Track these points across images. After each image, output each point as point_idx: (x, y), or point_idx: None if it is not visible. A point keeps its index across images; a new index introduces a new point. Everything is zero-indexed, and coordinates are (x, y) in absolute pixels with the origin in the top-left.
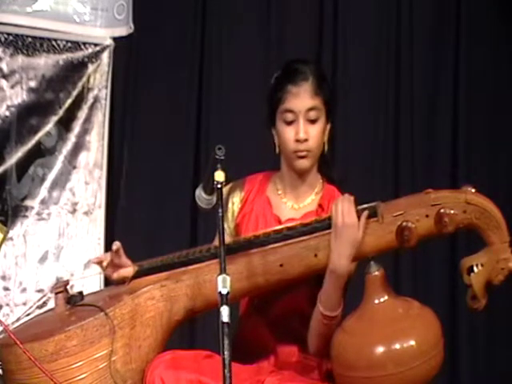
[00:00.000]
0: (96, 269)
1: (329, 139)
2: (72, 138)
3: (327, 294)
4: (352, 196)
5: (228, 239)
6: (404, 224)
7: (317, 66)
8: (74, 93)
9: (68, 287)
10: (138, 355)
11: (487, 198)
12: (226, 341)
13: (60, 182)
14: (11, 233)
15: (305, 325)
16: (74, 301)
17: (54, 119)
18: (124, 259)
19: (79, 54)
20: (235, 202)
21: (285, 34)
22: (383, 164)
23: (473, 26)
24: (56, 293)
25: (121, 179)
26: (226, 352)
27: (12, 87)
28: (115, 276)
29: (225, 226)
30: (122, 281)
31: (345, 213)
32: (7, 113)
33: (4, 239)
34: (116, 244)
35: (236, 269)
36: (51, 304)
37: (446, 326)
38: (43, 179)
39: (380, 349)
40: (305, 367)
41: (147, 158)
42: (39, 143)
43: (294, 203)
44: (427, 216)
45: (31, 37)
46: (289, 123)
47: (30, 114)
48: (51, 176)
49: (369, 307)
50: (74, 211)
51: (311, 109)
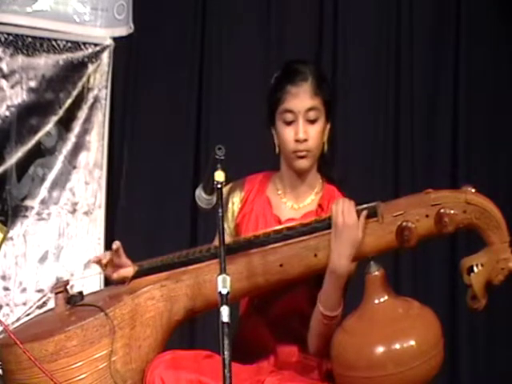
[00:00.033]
0: (96, 269)
1: (328, 139)
2: (72, 138)
3: (327, 294)
4: (351, 199)
5: (228, 239)
6: (404, 224)
7: (316, 67)
8: (74, 93)
9: (68, 287)
10: (138, 355)
11: (487, 198)
12: (226, 341)
13: (60, 182)
14: (11, 233)
15: (305, 325)
16: (74, 301)
17: (54, 119)
18: (124, 259)
19: (79, 54)
20: (235, 202)
21: (285, 34)
22: (383, 164)
23: (473, 26)
24: (56, 293)
25: (121, 179)
26: (226, 352)
27: (12, 87)
28: (115, 276)
29: (225, 226)
30: (122, 281)
31: (345, 213)
32: (7, 113)
33: (4, 239)
34: (116, 243)
35: (236, 269)
36: (51, 304)
37: (446, 326)
38: (43, 179)
39: (380, 349)
40: (305, 367)
41: (147, 158)
42: (39, 143)
43: (294, 203)
44: (427, 216)
45: (31, 37)
46: (288, 123)
47: (30, 114)
48: (51, 176)
49: (369, 307)
50: (74, 211)
51: (310, 109)
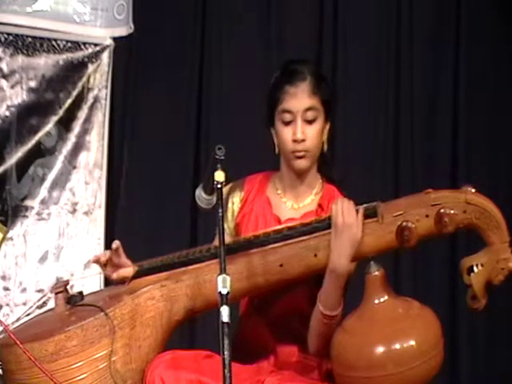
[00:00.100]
0: (96, 269)
1: (328, 139)
2: (72, 138)
3: (327, 294)
4: (351, 199)
5: (228, 239)
6: (404, 224)
7: (315, 66)
8: (74, 93)
9: (68, 287)
10: (138, 355)
11: (487, 198)
12: (226, 341)
13: (60, 182)
14: (11, 233)
15: (305, 325)
16: (74, 301)
17: (54, 119)
18: (124, 259)
19: (79, 54)
20: (235, 202)
21: (285, 34)
22: (383, 164)
23: (473, 26)
24: (56, 293)
25: (121, 179)
26: (226, 352)
27: (12, 87)
28: (115, 276)
29: (225, 226)
30: (122, 281)
31: (345, 212)
32: (7, 113)
33: (4, 239)
34: (115, 243)
35: (236, 269)
36: (51, 304)
37: (446, 326)
38: (43, 179)
39: (380, 349)
40: (305, 367)
41: (147, 158)
42: (39, 143)
43: (294, 203)
44: (427, 216)
45: (31, 37)
46: (287, 123)
47: (30, 114)
48: (51, 176)
49: (369, 307)
50: (74, 211)
51: (309, 109)
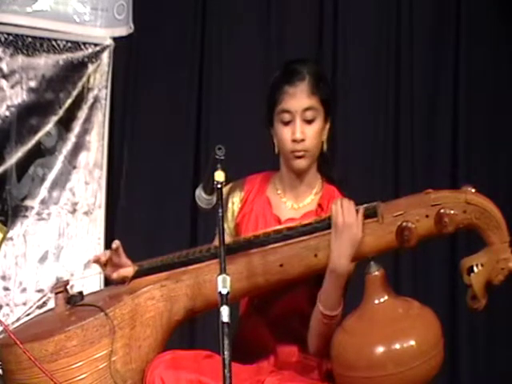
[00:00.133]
0: (96, 269)
1: (328, 138)
2: (72, 138)
3: (327, 294)
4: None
5: (228, 239)
6: (404, 224)
7: (315, 66)
8: (74, 93)
9: (68, 287)
10: (138, 355)
11: (487, 198)
12: (226, 341)
13: (60, 182)
14: (11, 233)
15: (305, 325)
16: (74, 301)
17: (54, 119)
18: (124, 259)
19: (79, 54)
20: (235, 202)
21: (285, 34)
22: (383, 164)
23: (473, 26)
24: (56, 293)
25: (121, 179)
26: (226, 352)
27: (12, 87)
28: (115, 276)
29: (225, 226)
30: (122, 280)
31: (345, 212)
32: (7, 113)
33: (4, 239)
34: (115, 242)
35: (236, 269)
36: (51, 304)
37: (446, 326)
38: (43, 179)
39: (380, 349)
40: (305, 367)
41: (147, 158)
42: (39, 143)
43: (294, 203)
44: (427, 216)
45: (31, 37)
46: (286, 123)
47: (30, 114)
48: (51, 176)
49: (369, 307)
50: (74, 211)
51: (307, 109)
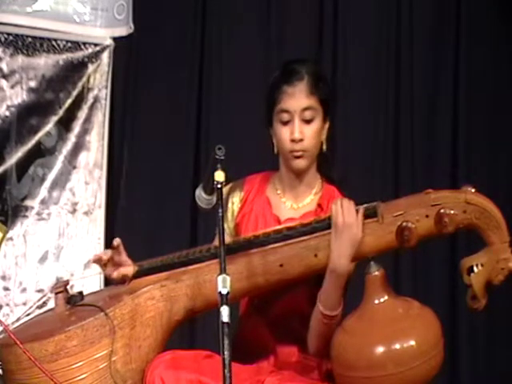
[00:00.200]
0: (96, 269)
1: (327, 138)
2: (72, 138)
3: (327, 294)
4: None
5: (228, 239)
6: (404, 224)
7: (314, 66)
8: (74, 93)
9: (68, 287)
10: (138, 355)
11: (487, 198)
12: (226, 341)
13: (60, 182)
14: (11, 233)
15: (305, 325)
16: (74, 301)
17: (54, 119)
18: (124, 257)
19: (79, 54)
20: (235, 202)
21: (285, 34)
22: (383, 164)
23: (473, 26)
24: (56, 293)
25: (121, 179)
26: (226, 352)
27: (12, 87)
28: (115, 274)
29: (225, 226)
30: (122, 280)
31: (345, 212)
32: (7, 113)
33: (4, 239)
34: (116, 240)
35: (236, 269)
36: (51, 304)
37: (446, 326)
38: (43, 179)
39: (380, 349)
40: (305, 367)
41: (147, 158)
42: (39, 143)
43: (293, 203)
44: (427, 216)
45: (31, 37)
46: (285, 123)
47: (30, 114)
48: (51, 176)
49: (369, 307)
50: (74, 211)
51: (306, 108)
